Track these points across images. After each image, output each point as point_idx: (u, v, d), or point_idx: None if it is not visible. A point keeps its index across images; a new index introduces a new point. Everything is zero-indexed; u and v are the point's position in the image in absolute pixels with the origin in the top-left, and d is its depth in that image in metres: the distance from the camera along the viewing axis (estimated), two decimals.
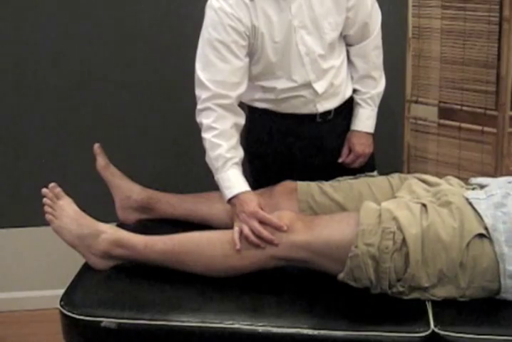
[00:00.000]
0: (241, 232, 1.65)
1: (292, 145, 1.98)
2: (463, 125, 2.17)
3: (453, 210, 1.61)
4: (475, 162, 2.17)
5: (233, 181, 1.74)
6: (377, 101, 2.02)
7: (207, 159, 1.79)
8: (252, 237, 1.63)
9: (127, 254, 1.71)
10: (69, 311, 1.59)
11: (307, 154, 2.00)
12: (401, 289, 1.59)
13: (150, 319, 1.56)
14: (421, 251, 1.55)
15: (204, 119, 1.77)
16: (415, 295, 1.60)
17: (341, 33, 1.91)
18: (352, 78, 2.00)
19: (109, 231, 1.72)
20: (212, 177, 1.77)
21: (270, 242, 1.62)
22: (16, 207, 2.41)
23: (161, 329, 1.56)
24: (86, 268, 1.76)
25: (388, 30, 2.00)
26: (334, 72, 1.91)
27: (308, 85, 1.88)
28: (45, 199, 1.74)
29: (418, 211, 1.61)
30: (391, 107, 2.25)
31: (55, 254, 2.38)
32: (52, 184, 1.77)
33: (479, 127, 2.14)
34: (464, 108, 2.16)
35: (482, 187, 1.74)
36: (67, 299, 1.63)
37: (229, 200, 1.74)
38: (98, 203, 1.82)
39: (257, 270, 1.66)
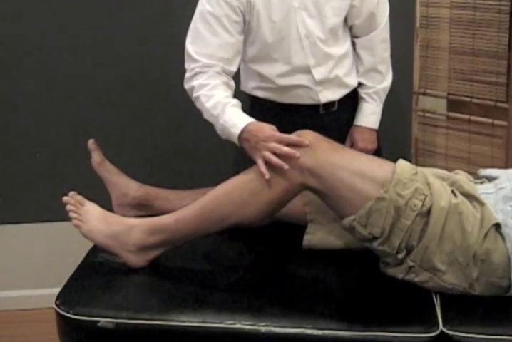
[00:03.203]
0: (266, 162, 1.61)
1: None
2: (473, 117, 2.16)
3: (473, 202, 1.60)
4: (485, 156, 2.16)
5: (237, 117, 1.71)
6: (383, 97, 2.01)
7: (206, 115, 1.77)
8: (275, 159, 1.59)
9: (162, 238, 1.67)
10: (65, 311, 1.56)
11: None
12: (411, 263, 1.56)
13: (149, 319, 1.53)
14: (441, 225, 1.54)
15: (195, 81, 1.78)
16: (425, 276, 1.57)
17: (346, 22, 1.90)
18: (358, 71, 1.98)
19: (139, 223, 1.69)
20: (211, 173, 1.74)
21: (293, 156, 1.57)
22: (10, 203, 2.39)
23: (160, 329, 1.52)
24: (83, 266, 1.73)
25: (395, 20, 1.98)
26: (336, 61, 1.89)
27: (306, 70, 1.87)
28: (68, 206, 1.71)
29: (449, 189, 1.60)
30: (398, 100, 2.24)
31: (51, 252, 2.38)
32: (72, 193, 1.75)
33: (489, 120, 2.12)
34: (474, 100, 2.15)
35: (491, 179, 1.72)
36: (63, 298, 1.60)
37: (240, 137, 1.69)
38: (94, 200, 1.80)
39: (290, 200, 1.63)
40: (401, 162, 1.62)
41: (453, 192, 1.61)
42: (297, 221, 1.81)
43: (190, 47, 1.80)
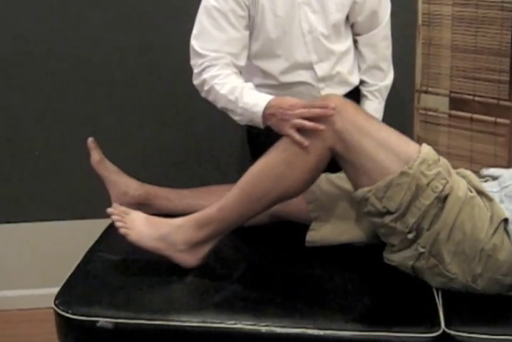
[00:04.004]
0: (297, 130, 1.58)
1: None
2: (475, 116, 2.15)
3: (482, 198, 1.60)
4: (488, 154, 2.15)
5: (257, 97, 1.71)
6: (385, 94, 2.01)
7: (221, 103, 1.76)
8: (308, 123, 1.56)
9: (210, 230, 1.65)
10: (64, 311, 1.55)
11: None
12: (421, 250, 1.56)
13: (149, 319, 1.51)
14: (455, 215, 1.53)
15: (205, 74, 1.77)
16: (431, 263, 1.57)
17: (348, 20, 1.90)
18: (360, 69, 1.98)
19: (184, 221, 1.67)
20: (213, 172, 1.73)
21: (326, 114, 1.55)
22: (8, 202, 2.38)
23: (160, 329, 1.51)
24: (82, 266, 1.72)
25: (397, 17, 1.98)
26: (338, 57, 1.89)
27: (309, 66, 1.86)
28: (113, 217, 1.70)
29: (465, 182, 1.59)
30: (400, 98, 2.23)
31: (50, 251, 2.36)
32: (114, 205, 1.75)
33: (492, 118, 2.12)
34: (476, 98, 2.14)
35: (494, 178, 1.72)
36: (62, 298, 1.59)
37: (264, 115, 1.68)
38: (93, 199, 1.78)
39: (324, 167, 1.61)
40: (426, 146, 1.60)
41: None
42: (300, 220, 1.80)
43: (195, 43, 1.79)
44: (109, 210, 1.70)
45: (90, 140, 1.90)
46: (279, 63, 1.86)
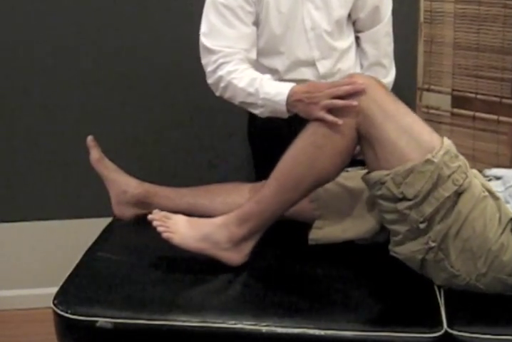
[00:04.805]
0: (328, 110, 1.57)
1: (298, 135, 1.93)
2: (478, 114, 2.15)
3: (492, 199, 1.59)
4: (491, 153, 2.15)
5: (278, 86, 1.70)
6: None
7: (240, 97, 1.76)
8: (338, 101, 1.55)
9: (252, 225, 1.64)
10: (63, 311, 1.54)
11: None
12: (432, 244, 1.55)
13: (148, 319, 1.51)
14: (468, 211, 1.52)
15: (220, 71, 1.76)
16: (439, 257, 1.56)
17: (350, 17, 1.90)
18: (362, 66, 1.99)
19: (224, 219, 1.66)
20: (213, 171, 1.71)
21: (357, 89, 1.53)
22: (7, 201, 2.37)
23: (160, 329, 1.51)
24: (81, 265, 1.71)
25: (399, 15, 1.97)
26: (340, 54, 1.90)
27: (311, 63, 1.87)
28: (155, 222, 1.68)
29: (479, 182, 1.58)
30: (401, 96, 2.19)
31: (49, 251, 2.36)
32: (155, 211, 1.72)
33: (494, 117, 2.11)
34: (479, 97, 2.14)
35: (497, 178, 1.72)
36: (61, 298, 1.58)
37: (288, 102, 1.67)
38: (92, 198, 1.77)
39: (354, 147, 1.59)
40: (447, 139, 1.59)
41: None
42: (302, 219, 1.79)
43: (206, 40, 1.78)
44: (150, 217, 1.69)
45: (89, 138, 1.89)
46: (282, 61, 1.86)
